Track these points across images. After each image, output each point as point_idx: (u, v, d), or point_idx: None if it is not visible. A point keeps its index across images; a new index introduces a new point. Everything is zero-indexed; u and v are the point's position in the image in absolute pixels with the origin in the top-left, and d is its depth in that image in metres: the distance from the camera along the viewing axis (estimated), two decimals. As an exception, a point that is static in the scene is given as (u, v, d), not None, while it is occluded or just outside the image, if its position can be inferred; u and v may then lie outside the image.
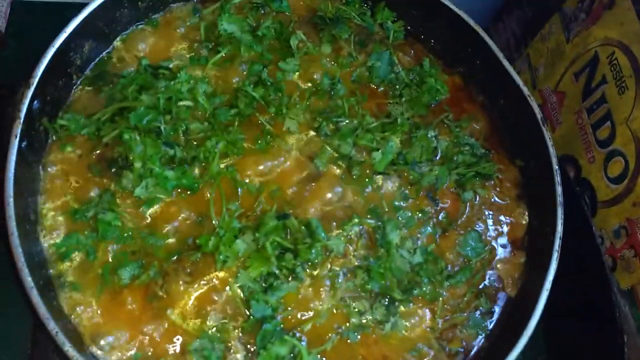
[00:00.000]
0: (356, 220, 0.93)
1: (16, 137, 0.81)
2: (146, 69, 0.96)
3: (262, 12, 1.11)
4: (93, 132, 0.90)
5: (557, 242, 0.91)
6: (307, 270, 0.89)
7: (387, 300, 0.91)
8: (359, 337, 0.88)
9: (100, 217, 0.85)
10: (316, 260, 0.88)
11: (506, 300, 0.97)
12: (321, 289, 0.89)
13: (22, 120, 0.83)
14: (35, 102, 0.86)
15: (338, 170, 0.99)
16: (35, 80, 0.85)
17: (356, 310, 0.89)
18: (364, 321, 0.89)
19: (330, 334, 0.87)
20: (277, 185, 0.95)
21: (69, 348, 0.73)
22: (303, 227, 0.89)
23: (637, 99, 1.01)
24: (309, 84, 1.06)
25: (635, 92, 1.02)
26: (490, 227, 1.02)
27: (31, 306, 0.76)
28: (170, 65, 0.99)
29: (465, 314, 0.94)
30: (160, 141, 0.88)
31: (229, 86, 1.02)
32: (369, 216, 0.96)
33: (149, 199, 0.89)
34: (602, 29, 1.11)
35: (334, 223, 0.93)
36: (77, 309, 0.82)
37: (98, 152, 0.91)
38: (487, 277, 0.98)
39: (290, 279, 0.87)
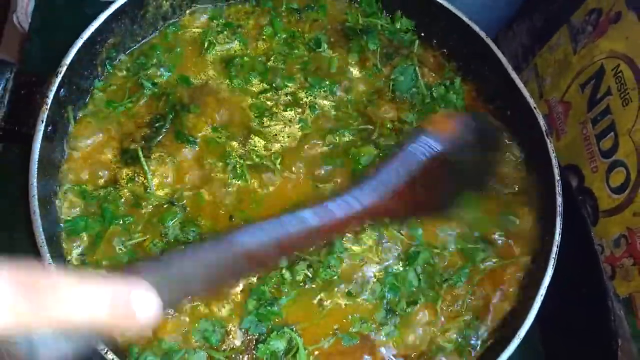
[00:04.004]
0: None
1: (43, 122, 0.86)
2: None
3: (300, 17, 1.16)
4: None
5: (555, 251, 0.93)
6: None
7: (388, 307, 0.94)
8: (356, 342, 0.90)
9: (104, 206, 0.90)
10: (329, 277, 0.91)
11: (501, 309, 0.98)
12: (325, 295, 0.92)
13: (49, 107, 0.87)
14: (62, 90, 0.91)
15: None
16: (63, 69, 0.90)
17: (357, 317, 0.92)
18: (364, 326, 0.92)
19: (329, 333, 0.90)
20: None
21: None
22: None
23: (640, 111, 1.04)
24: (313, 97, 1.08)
25: (639, 104, 1.04)
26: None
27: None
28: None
29: (465, 315, 0.96)
30: None
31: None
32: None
33: None
34: (608, 41, 1.13)
35: (349, 235, 0.95)
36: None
37: (116, 141, 0.96)
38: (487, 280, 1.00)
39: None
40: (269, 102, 1.05)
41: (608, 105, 1.12)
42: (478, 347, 0.94)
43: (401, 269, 0.95)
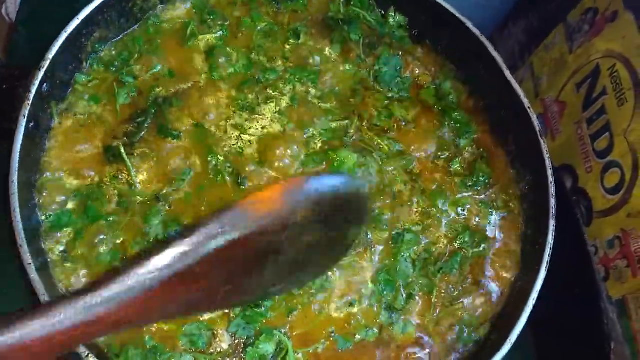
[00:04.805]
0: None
1: (24, 118, 0.84)
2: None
3: (278, 8, 1.14)
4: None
5: (547, 253, 0.92)
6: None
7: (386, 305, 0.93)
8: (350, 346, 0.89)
9: (88, 204, 0.88)
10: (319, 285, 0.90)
11: (496, 303, 0.98)
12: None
13: (30, 102, 0.85)
14: (45, 85, 0.88)
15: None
16: (46, 64, 0.87)
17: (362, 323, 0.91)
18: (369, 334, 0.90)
19: (321, 340, 0.88)
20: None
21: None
22: None
23: (636, 112, 1.02)
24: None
25: (634, 104, 1.03)
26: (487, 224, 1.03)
27: (29, 284, 0.78)
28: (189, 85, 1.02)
29: (460, 304, 0.95)
30: None
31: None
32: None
33: None
34: (604, 41, 1.12)
35: None
36: (70, 283, 0.84)
37: (99, 138, 0.94)
38: (480, 271, 0.99)
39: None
40: (250, 95, 1.03)
41: (603, 105, 1.11)
42: (470, 347, 0.93)
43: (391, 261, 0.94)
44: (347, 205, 0.60)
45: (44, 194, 0.88)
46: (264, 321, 0.86)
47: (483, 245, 1.00)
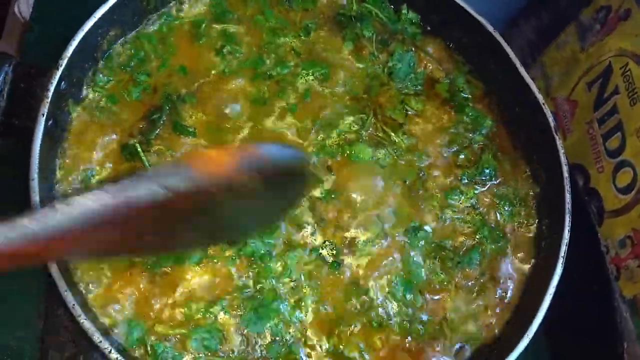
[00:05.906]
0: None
1: (43, 116, 0.84)
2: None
3: (288, 6, 1.14)
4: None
5: (563, 249, 0.93)
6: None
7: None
8: None
9: None
10: None
11: (510, 300, 0.99)
12: None
13: (49, 100, 0.85)
14: (63, 83, 0.89)
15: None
16: (64, 62, 0.87)
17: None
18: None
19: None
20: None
21: (84, 320, 0.76)
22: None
23: (649, 111, 1.03)
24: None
25: (647, 103, 1.03)
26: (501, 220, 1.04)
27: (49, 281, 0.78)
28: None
29: (478, 302, 0.96)
30: None
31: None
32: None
33: None
34: (617, 40, 1.12)
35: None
36: (89, 280, 0.85)
37: (115, 136, 0.95)
38: (497, 266, 1.00)
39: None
40: (261, 90, 1.04)
41: (615, 105, 1.11)
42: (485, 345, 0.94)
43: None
44: (290, 173, 0.65)
45: (62, 192, 0.89)
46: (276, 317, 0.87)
47: (501, 242, 1.01)
